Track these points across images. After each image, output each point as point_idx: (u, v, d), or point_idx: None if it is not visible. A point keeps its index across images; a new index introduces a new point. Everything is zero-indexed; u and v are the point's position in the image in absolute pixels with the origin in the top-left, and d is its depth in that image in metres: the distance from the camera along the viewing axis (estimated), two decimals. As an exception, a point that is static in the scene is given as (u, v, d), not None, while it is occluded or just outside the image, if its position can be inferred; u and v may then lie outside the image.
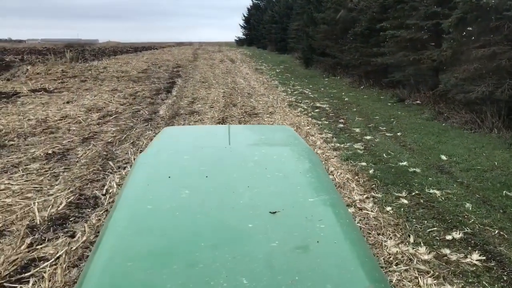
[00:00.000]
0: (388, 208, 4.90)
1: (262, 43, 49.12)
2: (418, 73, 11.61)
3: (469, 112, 8.57)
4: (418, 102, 11.27)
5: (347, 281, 1.22)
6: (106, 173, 6.07)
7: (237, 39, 69.53)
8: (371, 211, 4.83)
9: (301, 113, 10.54)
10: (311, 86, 15.91)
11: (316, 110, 10.92)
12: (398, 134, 8.33)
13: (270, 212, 1.55)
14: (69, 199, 5.16)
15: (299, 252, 1.33)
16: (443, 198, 5.19)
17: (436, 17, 10.53)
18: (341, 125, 9.17)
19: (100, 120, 9.34)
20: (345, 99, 12.68)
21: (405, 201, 5.11)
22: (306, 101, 12.42)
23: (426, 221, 4.59)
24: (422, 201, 5.12)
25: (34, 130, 8.40)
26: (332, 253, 1.36)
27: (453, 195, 5.27)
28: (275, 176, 1.93)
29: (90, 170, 6.17)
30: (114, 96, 12.18)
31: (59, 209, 4.91)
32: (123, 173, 6.06)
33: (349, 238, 1.46)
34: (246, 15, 64.66)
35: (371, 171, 6.15)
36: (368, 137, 8.09)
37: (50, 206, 4.95)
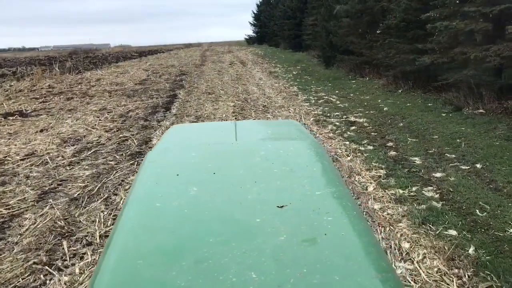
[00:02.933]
0: None
1: (274, 40, 46.63)
2: (476, 74, 9.15)
3: None
4: (481, 111, 8.81)
5: (355, 272, 1.20)
6: (51, 270, 3.85)
7: (247, 37, 67.28)
8: None
9: (334, 133, 8.19)
10: (337, 91, 13.48)
11: (352, 128, 8.53)
12: (478, 166, 5.93)
13: (278, 207, 1.51)
14: None
15: (306, 245, 1.30)
16: None
17: (504, 1, 8.07)
18: (393, 153, 6.78)
19: (74, 158, 7.14)
20: (384, 108, 10.24)
21: None
22: (336, 113, 10.04)
23: None
24: None
25: (-19, 179, 6.24)
26: (340, 245, 1.33)
27: None
28: (282, 170, 1.88)
29: (29, 264, 3.97)
30: (100, 119, 9.95)
31: None
32: (77, 271, 3.82)
33: (356, 230, 1.43)
34: (255, 12, 62.36)
35: (471, 251, 3.82)
36: (438, 174, 5.71)
37: None
